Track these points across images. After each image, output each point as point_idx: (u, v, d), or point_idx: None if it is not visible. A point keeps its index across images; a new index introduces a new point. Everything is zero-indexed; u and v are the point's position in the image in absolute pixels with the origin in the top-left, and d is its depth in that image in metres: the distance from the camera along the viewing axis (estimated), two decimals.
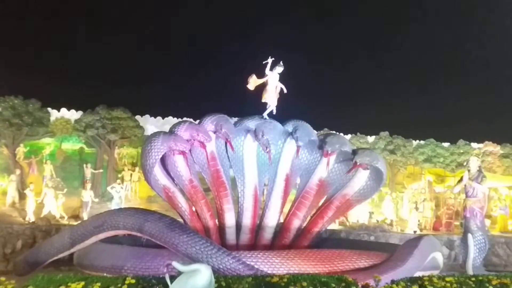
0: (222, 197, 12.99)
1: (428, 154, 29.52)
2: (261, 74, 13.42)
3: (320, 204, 13.94)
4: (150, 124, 28.71)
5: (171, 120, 29.15)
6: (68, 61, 39.98)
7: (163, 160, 12.53)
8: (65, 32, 40.76)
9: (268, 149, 12.57)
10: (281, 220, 14.00)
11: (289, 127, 13.23)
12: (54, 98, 27.24)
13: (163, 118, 29.82)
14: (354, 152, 12.95)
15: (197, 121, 13.31)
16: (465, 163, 15.78)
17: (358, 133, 30.20)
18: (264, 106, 13.66)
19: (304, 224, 13.61)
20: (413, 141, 30.52)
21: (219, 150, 13.24)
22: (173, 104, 34.73)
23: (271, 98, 13.46)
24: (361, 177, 13.11)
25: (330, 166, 13.26)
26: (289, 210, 13.85)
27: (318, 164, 13.41)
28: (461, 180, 14.29)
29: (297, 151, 12.97)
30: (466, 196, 14.19)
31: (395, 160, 29.52)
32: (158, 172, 12.32)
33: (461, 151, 29.36)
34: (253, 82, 13.25)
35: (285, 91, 13.55)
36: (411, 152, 29.70)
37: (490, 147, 30.05)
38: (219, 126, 12.55)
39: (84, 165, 25.93)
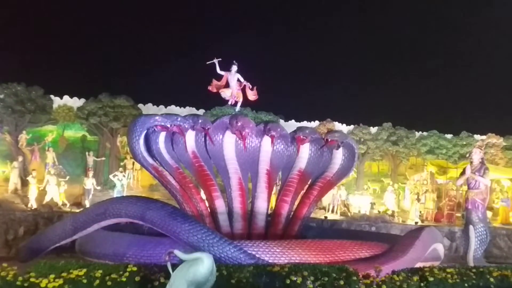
0: (210, 187, 13.63)
1: (430, 145, 29.39)
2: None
3: (304, 190, 14.62)
4: (153, 112, 28.61)
5: (174, 109, 29.13)
6: (71, 48, 39.92)
7: (149, 149, 13.13)
8: (69, 20, 40.62)
9: (243, 133, 13.18)
10: (271, 210, 14.69)
11: (261, 125, 14.03)
12: (57, 85, 27.24)
13: (165, 107, 29.80)
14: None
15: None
16: (467, 155, 15.72)
17: (361, 124, 30.09)
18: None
19: (294, 208, 14.15)
20: (416, 132, 30.39)
21: (200, 150, 13.83)
22: (175, 93, 34.71)
23: (235, 94, 14.62)
24: (337, 160, 14.24)
25: (307, 156, 14.14)
26: (277, 198, 14.46)
27: (295, 157, 14.28)
28: (463, 173, 14.25)
29: (272, 141, 13.66)
30: (468, 188, 14.17)
31: (397, 151, 29.45)
32: (145, 153, 12.97)
33: (464, 142, 29.21)
34: (215, 86, 14.60)
35: (250, 86, 14.70)
36: (413, 143, 29.59)
37: (493, 139, 29.89)
38: (196, 118, 13.34)
39: (87, 153, 25.95)
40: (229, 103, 14.82)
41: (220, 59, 14.36)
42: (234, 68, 14.53)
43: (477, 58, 42.34)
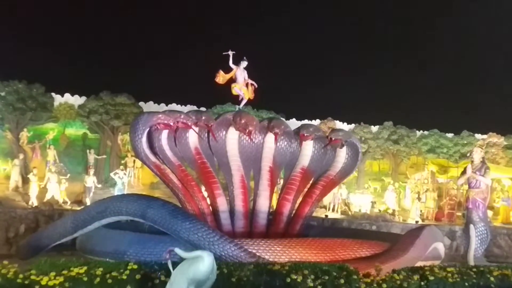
0: (212, 184, 13.57)
1: (431, 144, 29.39)
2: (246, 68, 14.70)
3: (306, 188, 14.59)
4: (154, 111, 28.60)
5: (175, 108, 29.06)
6: (72, 46, 39.92)
7: (152, 146, 13.05)
8: (69, 17, 40.61)
9: (247, 131, 13.14)
10: (273, 208, 14.64)
11: (265, 122, 14.03)
12: (58, 83, 27.22)
13: (166, 105, 29.72)
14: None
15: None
16: (468, 154, 15.70)
17: (362, 123, 30.09)
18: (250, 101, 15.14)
19: (295, 207, 14.10)
20: (417, 131, 30.37)
21: (203, 146, 13.79)
22: (177, 91, 34.67)
23: (241, 91, 14.62)
24: (340, 159, 14.23)
25: (310, 153, 14.11)
26: (279, 196, 14.45)
27: (298, 155, 14.24)
28: (464, 172, 14.23)
29: (275, 139, 13.69)
30: (469, 187, 14.16)
31: (398, 150, 29.44)
32: (148, 151, 12.87)
33: (465, 142, 29.22)
34: (221, 77, 14.40)
35: (256, 86, 14.75)
36: (414, 142, 29.59)
37: (494, 138, 29.90)
38: (199, 115, 13.26)
39: (88, 151, 25.91)
40: (240, 98, 14.79)
41: (234, 52, 14.38)
42: (243, 64, 14.51)
43: (478, 57, 42.28)
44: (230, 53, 14.36)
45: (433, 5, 47.05)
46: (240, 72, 14.51)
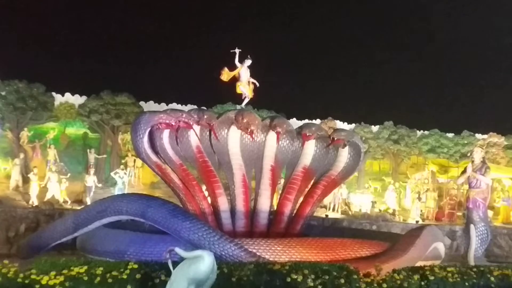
0: (213, 183, 13.51)
1: (432, 144, 29.40)
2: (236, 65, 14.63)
3: (308, 188, 14.49)
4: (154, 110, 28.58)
5: (175, 107, 29.05)
6: (72, 45, 39.95)
7: (153, 145, 12.99)
8: (70, 16, 40.65)
9: (249, 129, 13.15)
10: (274, 208, 14.51)
11: (267, 120, 13.92)
12: (59, 82, 27.22)
13: (167, 105, 29.67)
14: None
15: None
16: (469, 154, 15.72)
17: (362, 123, 30.09)
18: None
19: (296, 206, 14.02)
20: (417, 131, 30.38)
21: (204, 144, 13.72)
22: (177, 91, 34.71)
23: (245, 89, 14.62)
24: (342, 159, 14.13)
25: (312, 152, 14.01)
26: (280, 196, 14.36)
27: (300, 154, 14.15)
28: (464, 171, 14.26)
29: (277, 138, 13.59)
30: (470, 187, 14.18)
31: (399, 150, 29.46)
32: (149, 151, 12.81)
33: (465, 141, 29.22)
34: (226, 74, 14.42)
35: (257, 85, 14.76)
36: (415, 142, 29.59)
37: (494, 138, 29.88)
38: (201, 113, 13.25)
39: (88, 150, 25.85)
40: (243, 97, 14.81)
41: (240, 50, 14.43)
42: (247, 62, 14.52)
43: (478, 57, 42.24)
44: (237, 51, 14.39)
45: (433, 4, 47.05)
46: (244, 71, 14.52)
